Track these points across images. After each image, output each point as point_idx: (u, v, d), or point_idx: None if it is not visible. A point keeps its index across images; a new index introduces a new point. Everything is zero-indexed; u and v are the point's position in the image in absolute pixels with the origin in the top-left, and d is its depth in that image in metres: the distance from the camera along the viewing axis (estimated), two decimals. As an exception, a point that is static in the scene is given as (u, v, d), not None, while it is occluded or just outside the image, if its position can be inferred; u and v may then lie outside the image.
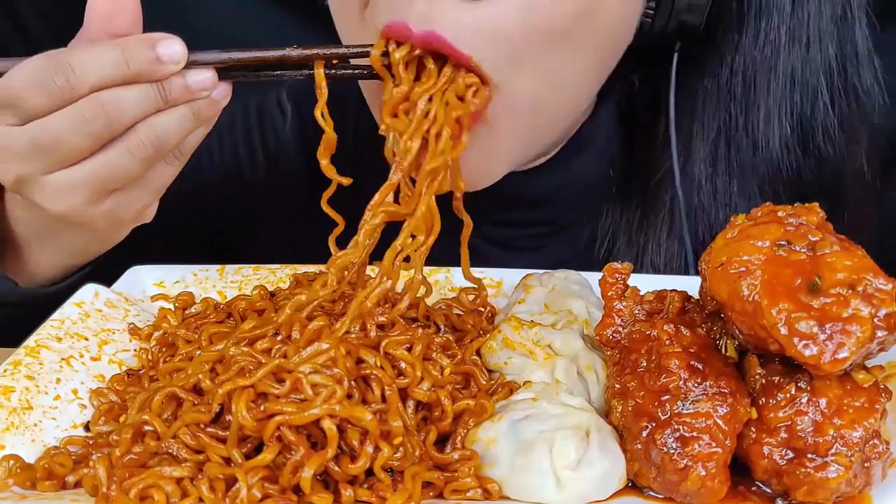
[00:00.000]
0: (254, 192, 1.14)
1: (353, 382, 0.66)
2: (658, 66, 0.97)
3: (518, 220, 1.05)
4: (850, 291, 0.62)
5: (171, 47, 0.71)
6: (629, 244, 1.01)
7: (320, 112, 0.76)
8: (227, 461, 0.63)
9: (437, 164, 0.75)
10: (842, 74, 0.95)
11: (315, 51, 0.76)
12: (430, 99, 0.76)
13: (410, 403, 0.70)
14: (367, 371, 0.68)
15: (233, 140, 1.14)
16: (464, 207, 0.81)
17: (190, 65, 0.72)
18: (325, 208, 0.78)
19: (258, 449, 0.64)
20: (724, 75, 0.95)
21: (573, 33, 0.80)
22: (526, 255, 1.06)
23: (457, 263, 0.84)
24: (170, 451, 0.65)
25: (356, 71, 0.79)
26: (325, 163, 0.78)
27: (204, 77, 0.73)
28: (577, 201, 1.03)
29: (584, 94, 0.91)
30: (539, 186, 1.00)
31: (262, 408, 0.63)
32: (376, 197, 0.74)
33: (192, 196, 1.03)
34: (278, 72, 0.77)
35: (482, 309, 0.86)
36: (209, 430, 0.65)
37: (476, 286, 0.86)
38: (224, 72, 0.75)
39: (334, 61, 0.77)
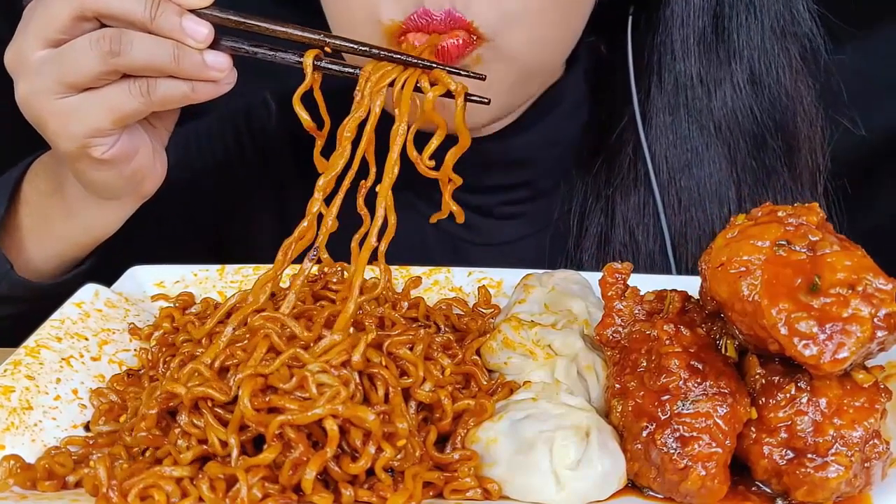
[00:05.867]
0: (246, 188, 1.16)
1: (357, 379, 0.66)
2: (615, 30, 1.05)
3: (496, 185, 1.08)
4: (850, 291, 0.62)
5: (199, 30, 0.74)
6: (598, 198, 1.06)
7: (299, 97, 0.77)
8: (227, 458, 0.63)
9: None
10: (786, 18, 1.02)
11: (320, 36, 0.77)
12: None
13: (412, 404, 0.70)
14: (374, 370, 0.68)
15: (223, 141, 1.17)
16: None
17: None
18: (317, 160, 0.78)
19: (257, 442, 0.64)
20: (676, 28, 1.02)
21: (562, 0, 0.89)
22: (507, 223, 1.10)
23: (443, 262, 0.87)
24: (178, 428, 0.65)
25: (346, 70, 0.78)
26: (299, 108, 0.77)
27: (221, 60, 0.75)
28: (552, 164, 1.08)
29: (559, 53, 1.01)
30: (514, 147, 1.06)
31: (267, 398, 0.63)
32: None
33: (186, 194, 1.05)
34: (273, 53, 0.78)
35: (484, 310, 0.87)
36: (217, 409, 0.65)
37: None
38: (224, 34, 0.76)
39: (326, 49, 0.78)
